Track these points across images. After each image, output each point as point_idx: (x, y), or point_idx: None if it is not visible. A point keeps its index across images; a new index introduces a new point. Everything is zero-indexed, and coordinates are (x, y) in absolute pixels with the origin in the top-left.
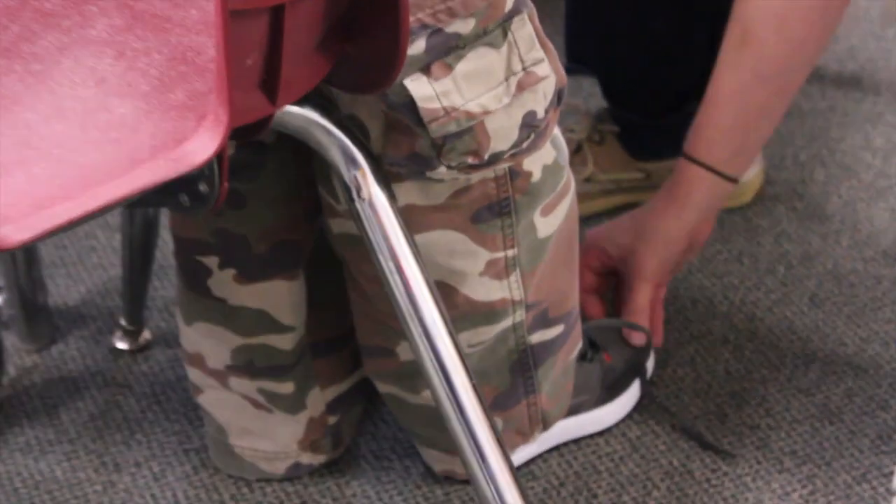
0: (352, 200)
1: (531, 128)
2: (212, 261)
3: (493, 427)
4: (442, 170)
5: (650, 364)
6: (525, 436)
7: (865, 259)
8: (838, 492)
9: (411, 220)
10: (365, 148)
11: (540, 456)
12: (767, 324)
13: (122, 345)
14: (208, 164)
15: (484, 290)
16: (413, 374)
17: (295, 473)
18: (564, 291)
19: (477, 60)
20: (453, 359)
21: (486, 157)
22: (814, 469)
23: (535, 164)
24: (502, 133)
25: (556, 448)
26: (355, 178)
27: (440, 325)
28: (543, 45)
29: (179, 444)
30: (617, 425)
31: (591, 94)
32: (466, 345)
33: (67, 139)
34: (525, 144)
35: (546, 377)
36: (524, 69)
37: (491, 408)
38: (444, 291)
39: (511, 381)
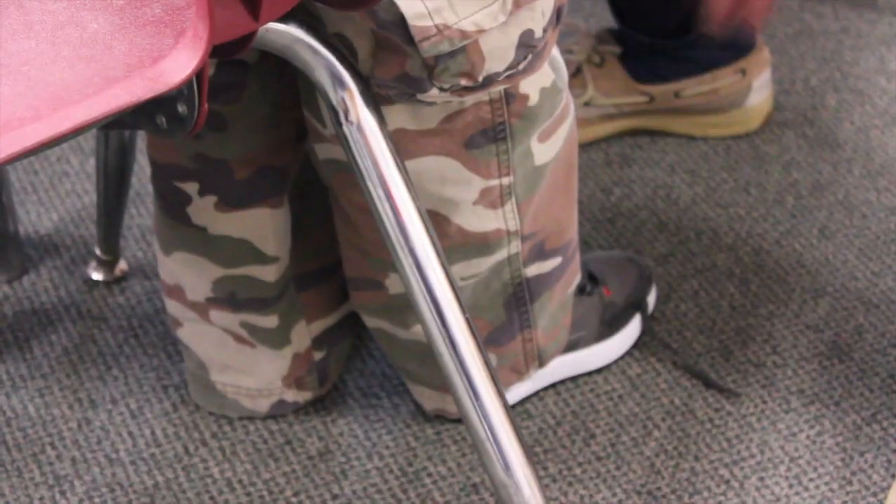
0: (339, 124)
1: (528, 48)
2: (191, 187)
3: (487, 363)
4: (434, 92)
5: (651, 299)
6: (520, 373)
7: (878, 189)
8: (847, 433)
9: (402, 146)
10: (353, 68)
11: (536, 394)
12: (775, 257)
13: (97, 275)
14: (187, 84)
15: (477, 219)
16: (403, 308)
17: (279, 411)
18: (562, 221)
19: None
20: (445, 291)
21: (481, 78)
22: (822, 409)
23: (531, 86)
24: (498, 53)
25: (553, 386)
26: (343, 100)
27: (432, 256)
28: None
29: (158, 379)
30: (616, 362)
31: (592, 14)
32: (459, 277)
33: (37, 56)
34: (522, 66)
35: (542, 312)
36: None
37: (485, 344)
38: (436, 221)
39: (506, 316)
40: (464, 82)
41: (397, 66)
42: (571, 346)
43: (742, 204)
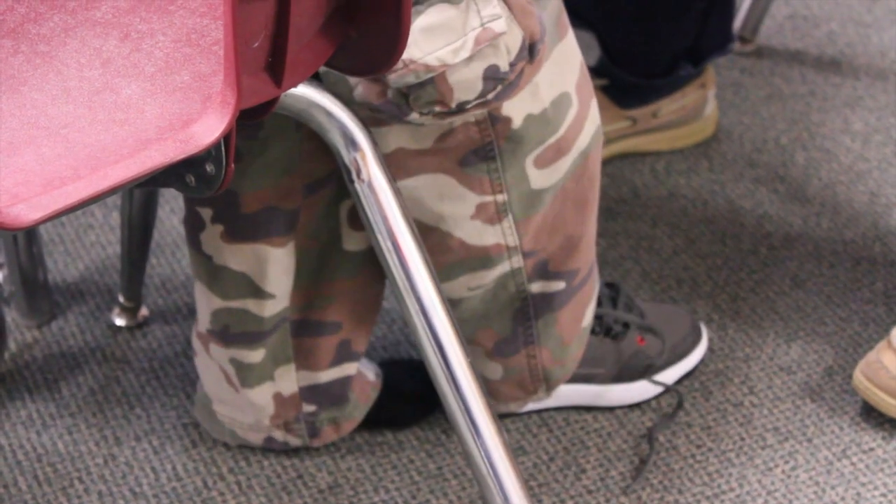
0: (351, 181)
1: (495, 80)
2: (206, 213)
3: (488, 404)
4: (414, 115)
5: (678, 370)
6: (527, 391)
7: (845, 241)
8: (819, 467)
9: (401, 164)
10: (365, 130)
11: (530, 431)
12: (750, 303)
13: (120, 321)
14: (216, 146)
15: (477, 234)
16: None
17: (273, 446)
18: (567, 249)
19: (435, 15)
20: (450, 337)
21: (454, 105)
22: (796, 445)
23: (515, 110)
24: (465, 85)
25: (546, 424)
26: (355, 159)
27: (437, 304)
28: (509, 2)
29: (178, 418)
30: None
31: (591, 46)
32: (466, 288)
33: (75, 119)
34: (491, 95)
35: (547, 331)
36: (482, 25)
37: (492, 354)
38: (439, 237)
39: (511, 328)
40: (438, 109)
41: (380, 92)
42: (586, 379)
43: (719, 254)
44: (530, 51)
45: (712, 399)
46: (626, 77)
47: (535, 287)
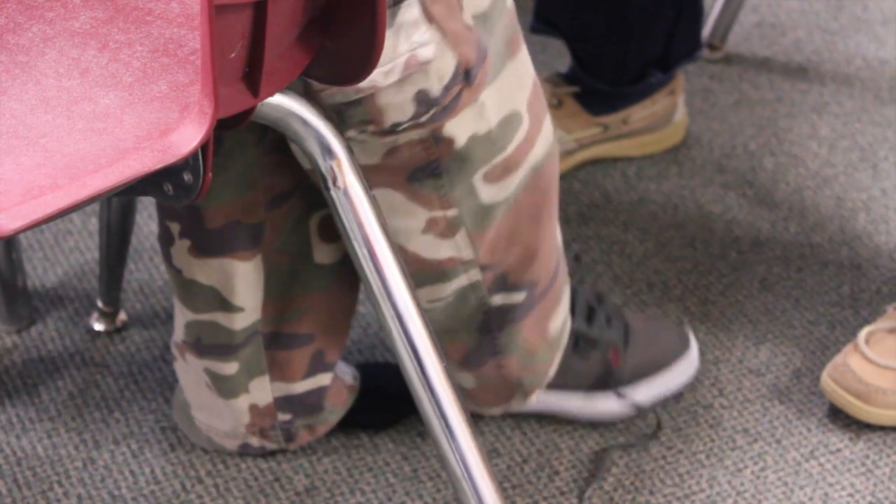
0: (327, 189)
1: (427, 104)
2: (175, 227)
3: (463, 408)
4: (351, 133)
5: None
6: (502, 397)
7: (813, 245)
8: (788, 468)
9: None
10: (341, 138)
11: (503, 433)
12: (720, 307)
13: (99, 326)
14: (193, 155)
15: (431, 248)
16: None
17: (248, 451)
18: (524, 261)
19: None
20: (425, 342)
21: (387, 126)
22: (764, 446)
23: (458, 130)
24: (395, 106)
25: (519, 426)
26: (331, 167)
27: (412, 310)
28: (443, 28)
29: (156, 422)
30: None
31: (543, 63)
32: (426, 300)
33: (53, 129)
34: (425, 118)
35: (511, 342)
36: (410, 51)
37: (461, 365)
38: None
39: (477, 340)
40: (371, 129)
41: (320, 108)
42: (559, 386)
43: (689, 258)
44: (466, 76)
45: (682, 401)
46: (596, 84)
47: (497, 300)
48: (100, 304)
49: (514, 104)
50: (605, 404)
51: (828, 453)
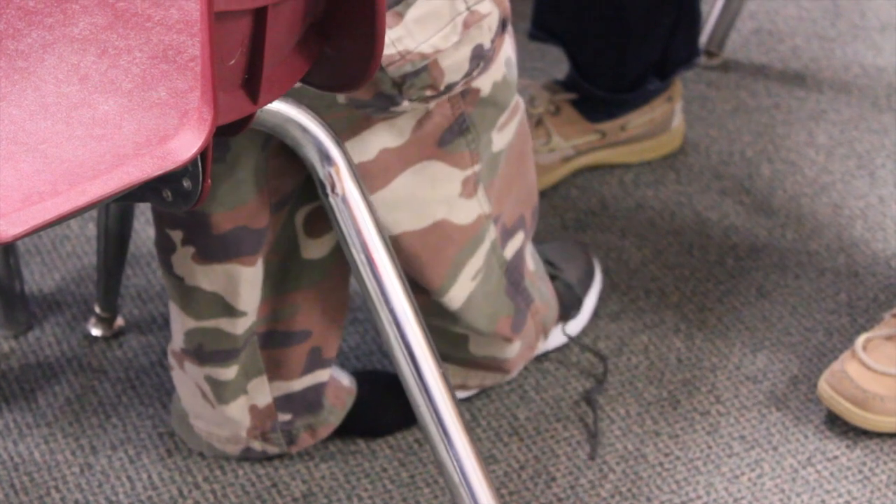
0: (326, 195)
1: (480, 58)
2: (177, 235)
3: (460, 413)
4: (405, 104)
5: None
6: (532, 347)
7: (810, 252)
8: (785, 475)
9: (389, 166)
10: (339, 145)
11: (501, 440)
12: (717, 314)
13: (96, 331)
14: (193, 162)
15: (468, 212)
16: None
17: (251, 455)
18: (517, 203)
19: (425, 6)
20: (422, 347)
21: (443, 87)
22: (762, 453)
23: (483, 80)
24: (455, 67)
25: (517, 433)
26: (329, 174)
27: (409, 314)
28: None
29: (153, 427)
30: (574, 411)
31: (542, 70)
32: (470, 279)
33: (52, 135)
34: (476, 73)
35: (530, 284)
36: (468, 9)
37: (512, 336)
38: (441, 232)
39: (514, 304)
40: (428, 93)
41: (373, 87)
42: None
43: (686, 265)
44: (502, 25)
45: (680, 408)
46: (595, 91)
47: (508, 252)
48: (97, 309)
49: (507, 49)
50: (557, 339)
51: (825, 460)
